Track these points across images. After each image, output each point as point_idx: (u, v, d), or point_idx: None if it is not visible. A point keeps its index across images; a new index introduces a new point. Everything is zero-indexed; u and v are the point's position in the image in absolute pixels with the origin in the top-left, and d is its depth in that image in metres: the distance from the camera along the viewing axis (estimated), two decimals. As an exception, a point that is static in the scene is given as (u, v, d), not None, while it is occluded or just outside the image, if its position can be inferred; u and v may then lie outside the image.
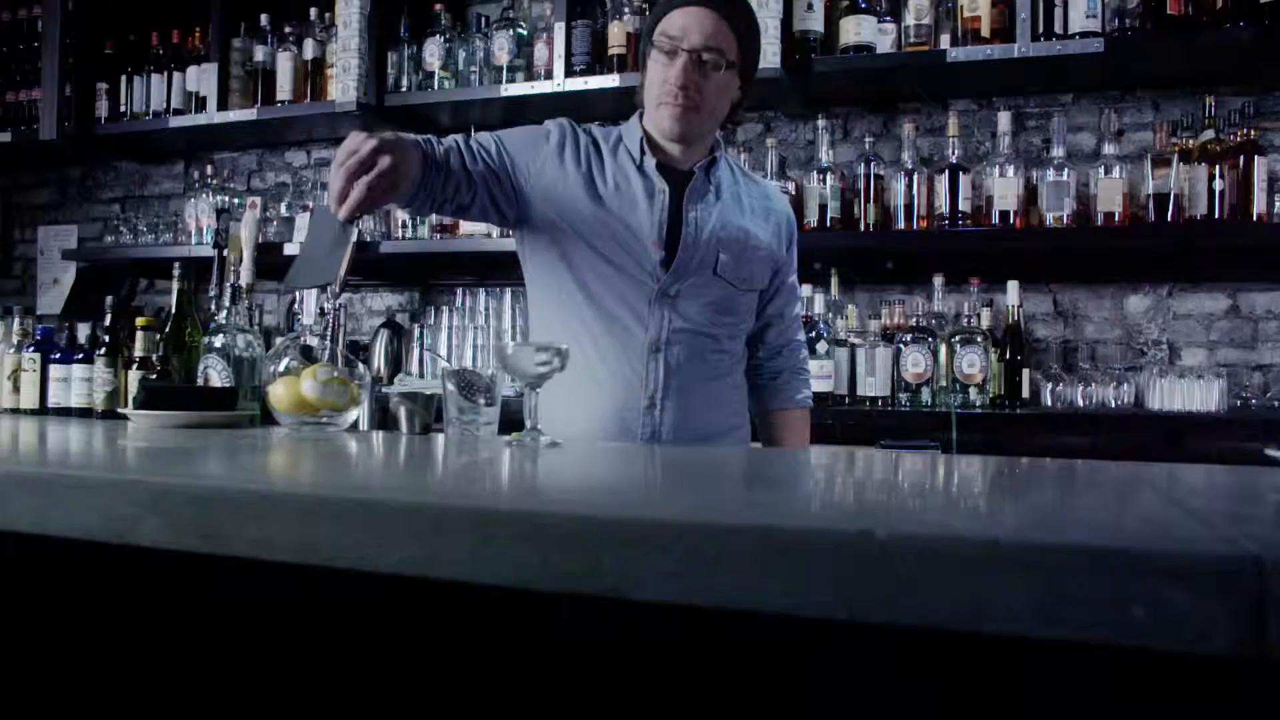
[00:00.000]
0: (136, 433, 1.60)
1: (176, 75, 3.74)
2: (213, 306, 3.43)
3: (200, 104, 3.67)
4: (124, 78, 3.81)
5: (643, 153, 1.79)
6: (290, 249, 3.42)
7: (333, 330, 3.27)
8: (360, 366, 1.60)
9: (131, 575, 1.13)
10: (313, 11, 3.56)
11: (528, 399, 1.41)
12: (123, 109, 3.82)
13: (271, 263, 3.50)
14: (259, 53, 3.60)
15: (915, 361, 2.87)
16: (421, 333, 3.45)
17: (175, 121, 3.70)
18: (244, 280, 3.42)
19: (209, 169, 3.87)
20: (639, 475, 1.21)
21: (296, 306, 3.35)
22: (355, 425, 1.63)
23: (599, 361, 1.76)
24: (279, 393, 1.57)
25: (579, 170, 1.78)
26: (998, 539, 0.65)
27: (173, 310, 1.86)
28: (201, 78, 3.67)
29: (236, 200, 3.77)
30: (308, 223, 3.40)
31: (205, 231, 3.66)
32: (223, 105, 3.61)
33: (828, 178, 2.99)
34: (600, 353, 1.76)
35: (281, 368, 1.58)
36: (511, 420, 1.59)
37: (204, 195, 3.74)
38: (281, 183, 3.96)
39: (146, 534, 0.92)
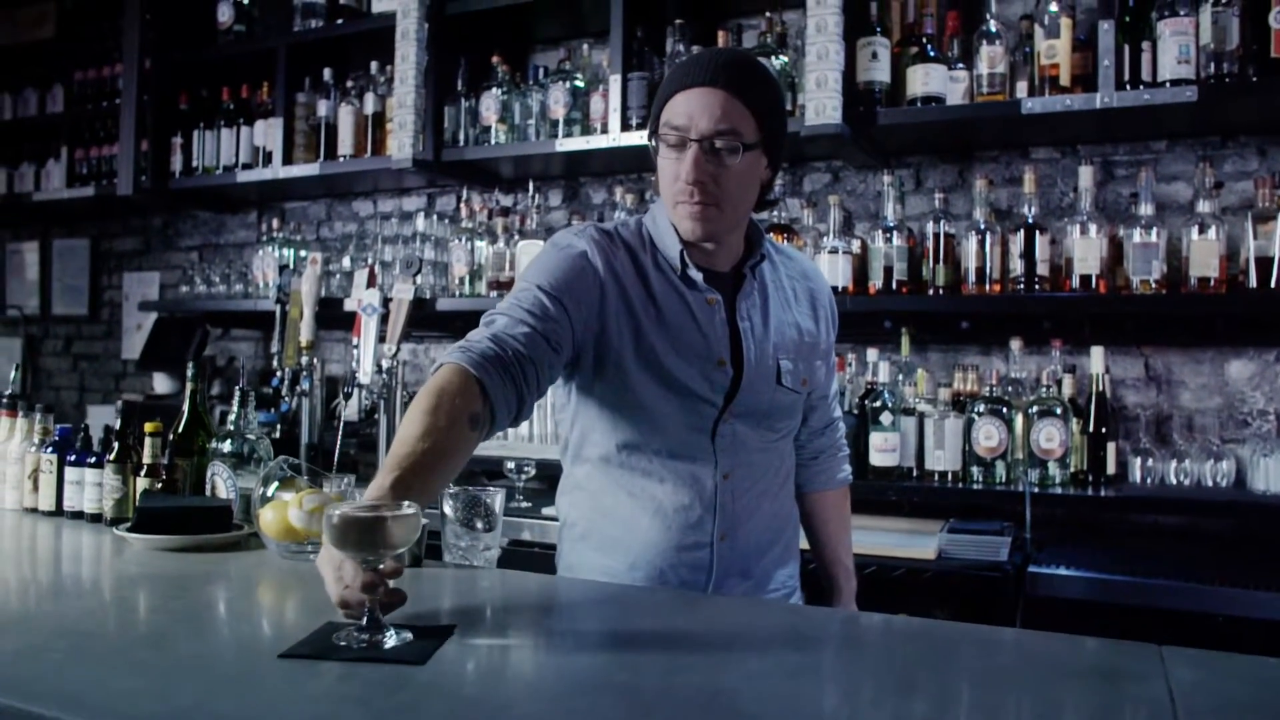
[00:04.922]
0: (126, 558, 1.56)
1: (245, 130, 3.79)
2: (275, 363, 3.47)
3: (266, 158, 3.71)
4: (196, 132, 3.88)
5: (684, 264, 1.59)
6: (349, 304, 3.41)
7: (389, 387, 3.26)
8: (355, 489, 1.52)
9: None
10: (374, 65, 3.55)
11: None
12: (195, 163, 3.88)
13: (334, 316, 3.51)
14: (322, 107, 3.60)
15: (988, 434, 2.67)
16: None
17: (243, 176, 3.74)
18: (304, 337, 3.43)
19: (277, 220, 3.89)
20: None
21: (354, 364, 3.33)
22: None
23: (664, 495, 1.59)
24: (268, 518, 1.50)
25: (635, 296, 1.58)
26: None
27: (185, 412, 1.81)
28: (268, 132, 3.70)
29: (303, 253, 3.78)
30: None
31: (272, 285, 3.68)
32: (288, 159, 3.64)
33: (894, 236, 2.80)
34: (665, 488, 1.59)
35: (270, 491, 1.51)
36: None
37: (270, 248, 3.77)
38: (347, 234, 3.96)
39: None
